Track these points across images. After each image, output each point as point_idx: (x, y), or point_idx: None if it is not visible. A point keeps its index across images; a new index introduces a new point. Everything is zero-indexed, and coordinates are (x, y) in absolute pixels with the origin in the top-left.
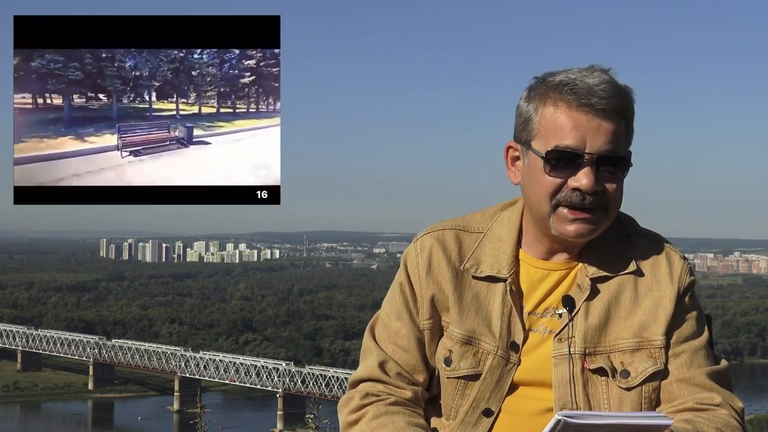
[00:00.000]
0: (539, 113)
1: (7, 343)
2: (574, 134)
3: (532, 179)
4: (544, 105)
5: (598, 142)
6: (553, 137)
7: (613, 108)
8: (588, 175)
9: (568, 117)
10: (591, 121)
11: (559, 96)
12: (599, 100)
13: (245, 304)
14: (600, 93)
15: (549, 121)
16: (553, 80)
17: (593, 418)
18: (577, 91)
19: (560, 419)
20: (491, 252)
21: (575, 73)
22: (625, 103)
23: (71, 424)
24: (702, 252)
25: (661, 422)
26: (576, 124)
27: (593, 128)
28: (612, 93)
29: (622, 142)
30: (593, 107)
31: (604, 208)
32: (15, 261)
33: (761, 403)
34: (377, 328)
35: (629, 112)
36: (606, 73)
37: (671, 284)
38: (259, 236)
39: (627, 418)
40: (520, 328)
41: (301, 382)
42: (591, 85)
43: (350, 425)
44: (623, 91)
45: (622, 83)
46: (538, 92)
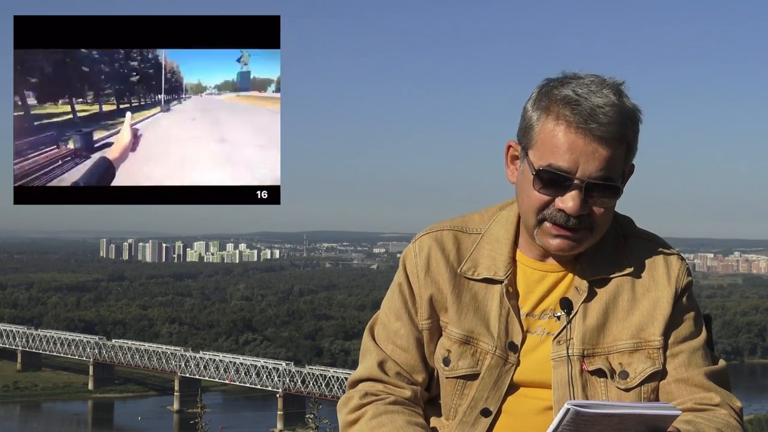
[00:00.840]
0: (540, 124)
1: (7, 343)
2: (568, 156)
3: (523, 188)
4: (546, 117)
5: (590, 167)
6: (548, 154)
7: (612, 135)
8: (575, 198)
9: (566, 137)
10: (587, 146)
11: (561, 113)
12: (598, 126)
13: (245, 304)
14: (601, 118)
15: (547, 136)
16: (560, 93)
17: (603, 407)
18: (578, 112)
19: (570, 408)
20: (488, 254)
21: (584, 88)
22: (626, 129)
23: (71, 424)
24: (702, 252)
25: (670, 412)
26: (571, 147)
27: (588, 153)
28: (613, 119)
29: (617, 167)
30: (591, 132)
31: (590, 229)
32: (15, 261)
33: (761, 403)
34: (376, 328)
35: (630, 136)
36: (616, 92)
37: (669, 285)
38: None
39: (636, 408)
40: (518, 328)
41: (301, 382)
42: (594, 106)
43: (350, 425)
44: (627, 116)
45: (630, 104)
46: (543, 103)
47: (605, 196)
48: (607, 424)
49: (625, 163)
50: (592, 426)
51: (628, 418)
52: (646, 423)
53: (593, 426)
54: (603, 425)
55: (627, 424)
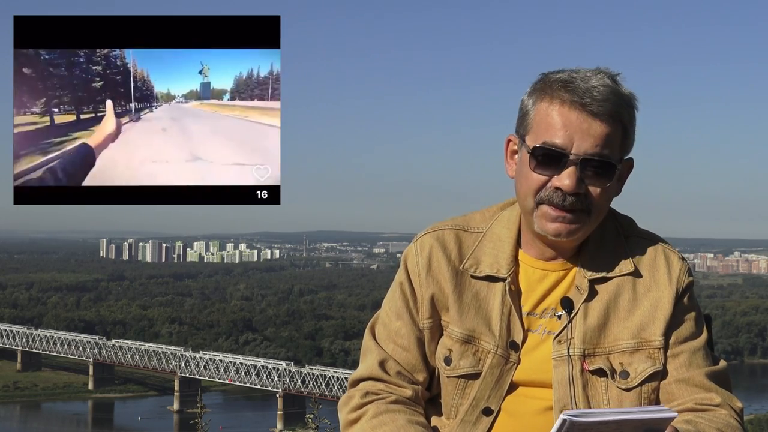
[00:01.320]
0: (536, 107)
1: (7, 343)
2: (563, 133)
3: (521, 173)
4: (541, 100)
5: (585, 144)
6: (543, 133)
7: (606, 111)
8: (571, 176)
9: (560, 115)
10: (582, 122)
11: (556, 93)
12: (592, 101)
13: (245, 304)
14: (595, 95)
15: (542, 116)
16: (555, 77)
17: (598, 415)
18: (572, 90)
19: (566, 419)
20: (491, 252)
21: (579, 73)
22: (621, 109)
23: (71, 424)
24: (702, 252)
25: (665, 415)
26: (566, 123)
27: (583, 129)
28: (608, 97)
29: (614, 147)
30: (586, 107)
31: (587, 211)
32: (15, 261)
33: (761, 403)
34: (377, 328)
35: (626, 118)
36: (610, 78)
37: (670, 285)
38: (259, 236)
39: (632, 413)
40: (519, 327)
41: (301, 382)
42: (590, 86)
43: (350, 424)
44: (621, 96)
45: (626, 90)
46: (538, 87)
47: (601, 174)
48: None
49: (622, 148)
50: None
51: (625, 424)
52: (643, 427)
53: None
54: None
55: (624, 429)
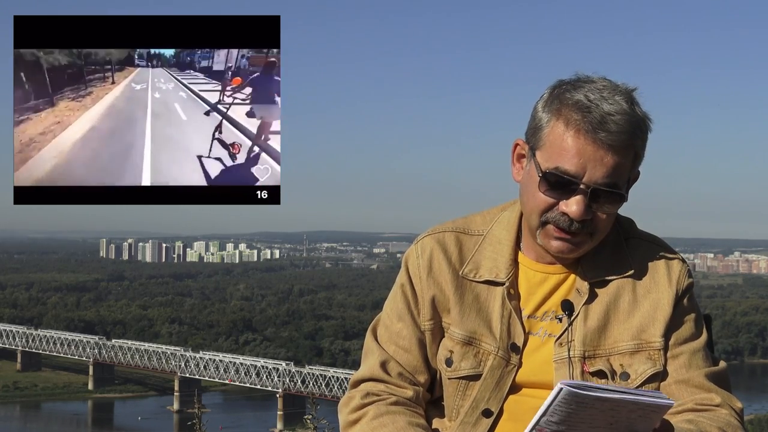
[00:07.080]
0: (550, 126)
1: (7, 343)
2: (576, 161)
3: (528, 188)
4: (556, 120)
5: (597, 173)
6: (555, 156)
7: (620, 144)
8: (579, 203)
9: (575, 142)
10: (595, 152)
11: (572, 117)
12: (608, 135)
13: (245, 304)
14: (611, 126)
15: (556, 139)
16: (572, 98)
17: (597, 390)
18: (589, 120)
19: (562, 387)
20: (490, 255)
21: (596, 93)
22: (636, 138)
23: (71, 424)
24: (702, 252)
25: (663, 402)
26: (579, 152)
27: (596, 159)
28: (623, 128)
29: (623, 175)
30: (601, 140)
31: (590, 234)
32: (15, 261)
33: (761, 403)
34: (379, 329)
35: (639, 144)
36: (627, 99)
37: (669, 286)
38: (259, 236)
39: (630, 394)
40: (520, 330)
41: (301, 382)
42: (605, 113)
43: (351, 424)
44: (636, 126)
45: (641, 112)
46: (554, 104)
47: (609, 203)
48: (600, 409)
49: (632, 171)
50: (584, 410)
51: (622, 405)
52: (638, 411)
53: (585, 410)
54: (595, 410)
55: (620, 411)
